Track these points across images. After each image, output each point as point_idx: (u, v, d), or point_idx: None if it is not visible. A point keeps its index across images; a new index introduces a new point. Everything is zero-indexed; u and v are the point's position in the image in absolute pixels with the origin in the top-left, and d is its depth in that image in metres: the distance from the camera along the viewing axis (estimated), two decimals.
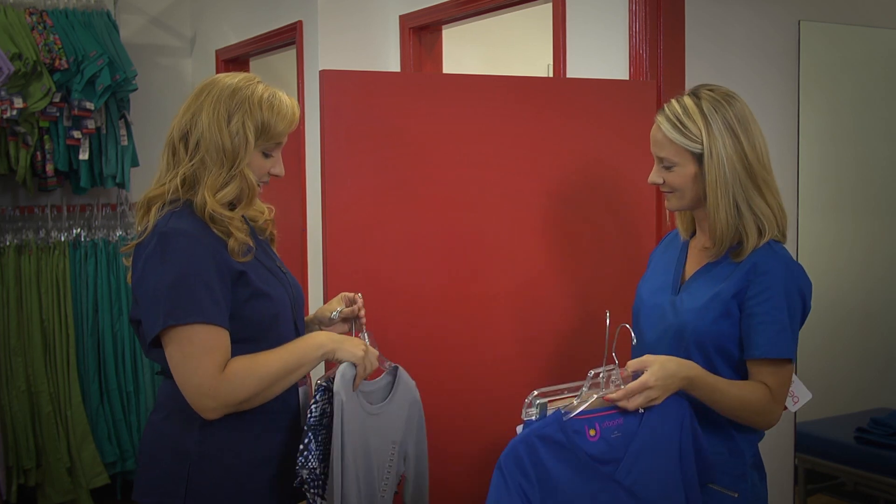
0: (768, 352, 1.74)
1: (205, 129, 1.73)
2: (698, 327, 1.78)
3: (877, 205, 3.75)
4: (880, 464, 3.37)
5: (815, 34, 3.16)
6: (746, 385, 1.75)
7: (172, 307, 1.64)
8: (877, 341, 3.78)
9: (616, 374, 1.66)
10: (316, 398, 1.80)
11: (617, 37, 2.71)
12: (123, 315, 4.11)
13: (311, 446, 1.77)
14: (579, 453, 1.61)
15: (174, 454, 1.75)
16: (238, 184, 1.75)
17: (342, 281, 2.20)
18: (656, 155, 1.85)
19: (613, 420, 1.66)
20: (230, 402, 1.67)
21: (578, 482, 1.61)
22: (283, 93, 1.82)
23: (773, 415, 1.77)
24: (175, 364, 1.67)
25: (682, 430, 1.70)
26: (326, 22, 3.61)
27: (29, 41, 3.81)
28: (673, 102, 1.84)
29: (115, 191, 4.35)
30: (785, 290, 1.75)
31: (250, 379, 1.68)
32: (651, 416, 1.67)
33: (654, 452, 1.67)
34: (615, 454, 1.65)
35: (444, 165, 2.33)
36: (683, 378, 1.67)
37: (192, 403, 1.67)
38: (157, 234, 1.69)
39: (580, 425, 1.63)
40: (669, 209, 1.91)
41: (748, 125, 1.79)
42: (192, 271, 1.66)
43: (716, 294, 1.78)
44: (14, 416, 3.89)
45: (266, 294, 1.77)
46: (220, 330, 1.68)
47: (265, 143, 1.78)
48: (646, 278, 2.02)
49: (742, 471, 1.82)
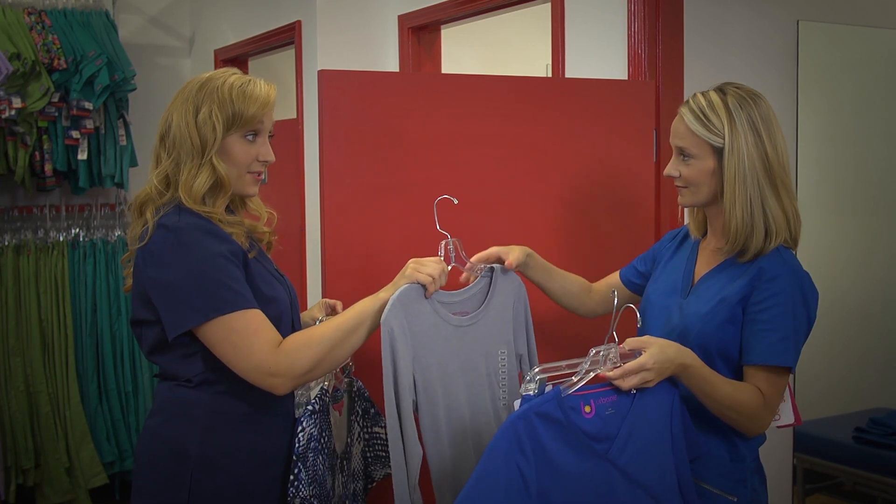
0: (766, 359, 1.73)
1: (175, 126, 1.74)
2: (703, 331, 1.78)
3: (876, 205, 3.75)
4: (879, 464, 3.37)
5: (814, 34, 3.16)
6: (741, 385, 1.75)
7: (204, 300, 1.64)
8: (876, 341, 3.78)
9: (615, 352, 1.66)
10: (303, 424, 1.77)
11: (616, 37, 2.71)
12: (122, 315, 4.11)
13: (301, 475, 1.75)
14: (575, 430, 1.61)
15: (175, 457, 1.73)
16: (207, 173, 1.73)
17: (341, 281, 2.20)
18: (676, 146, 1.83)
19: (608, 397, 1.66)
20: (295, 373, 1.66)
21: (574, 461, 1.61)
22: (259, 79, 1.80)
23: (762, 421, 1.76)
24: (228, 356, 1.67)
25: (671, 413, 1.71)
26: (325, 22, 3.60)
27: (27, 41, 3.81)
28: (698, 95, 1.82)
29: (113, 191, 4.35)
30: (791, 297, 1.74)
31: (308, 348, 1.68)
32: (642, 397, 1.68)
33: (645, 433, 1.68)
34: (609, 431, 1.65)
35: (443, 165, 2.33)
36: (680, 364, 1.67)
37: (259, 384, 1.66)
38: (162, 232, 1.68)
39: (576, 402, 1.63)
40: (682, 205, 1.88)
41: (771, 126, 1.78)
42: (208, 262, 1.66)
43: (721, 299, 1.78)
44: (13, 416, 3.89)
45: (266, 296, 1.76)
46: (254, 311, 1.67)
47: (240, 129, 1.76)
48: (654, 278, 2.01)
49: (743, 476, 1.81)
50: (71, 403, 3.97)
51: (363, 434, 1.94)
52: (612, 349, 1.66)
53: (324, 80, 2.20)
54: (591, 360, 1.65)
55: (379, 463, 1.98)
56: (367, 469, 1.96)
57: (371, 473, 1.97)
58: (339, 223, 2.22)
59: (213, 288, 1.64)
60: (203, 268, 1.65)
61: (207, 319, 1.64)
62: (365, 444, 1.94)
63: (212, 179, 1.74)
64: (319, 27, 3.59)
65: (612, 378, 1.64)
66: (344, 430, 1.90)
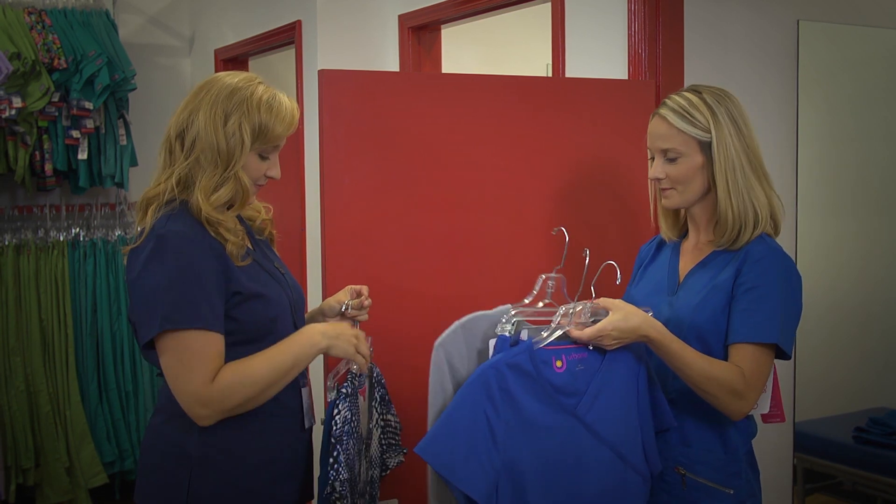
0: (748, 336, 1.73)
1: (201, 129, 1.71)
2: (695, 321, 1.79)
3: (876, 205, 3.74)
4: (879, 463, 3.37)
5: (814, 34, 3.16)
6: (717, 362, 1.74)
7: (169, 311, 1.62)
8: (875, 341, 3.78)
9: (587, 310, 1.70)
10: (339, 407, 1.77)
11: (616, 36, 2.71)
12: (122, 314, 4.11)
13: (341, 458, 1.75)
14: (545, 384, 1.65)
15: (175, 458, 1.73)
16: (232, 186, 1.72)
17: (341, 281, 2.20)
18: (659, 149, 1.85)
19: (579, 353, 1.70)
20: (223, 408, 1.66)
21: (541, 413, 1.64)
22: (283, 94, 1.79)
23: (745, 400, 1.73)
24: (170, 370, 1.65)
25: (638, 379, 1.74)
26: (325, 21, 3.60)
27: (28, 41, 3.81)
28: (674, 97, 1.86)
29: (113, 190, 4.35)
30: (777, 278, 1.76)
31: (241, 385, 1.66)
32: (613, 356, 1.72)
33: (612, 393, 1.71)
34: (578, 387, 1.69)
35: (443, 165, 2.33)
36: (642, 335, 1.70)
37: (187, 411, 1.66)
38: (153, 236, 1.66)
39: (548, 356, 1.67)
40: (669, 207, 1.89)
41: (746, 120, 1.84)
42: (188, 274, 1.64)
43: (714, 286, 1.79)
44: (13, 416, 3.89)
45: (263, 296, 1.75)
46: (216, 336, 1.66)
47: (262, 145, 1.75)
48: (636, 282, 2.02)
49: (737, 468, 1.82)
50: (71, 403, 3.97)
51: (380, 421, 1.95)
52: (584, 307, 1.70)
53: (324, 79, 2.20)
54: (562, 315, 1.68)
55: (392, 451, 1.98)
56: (382, 456, 1.97)
57: (386, 461, 1.97)
58: (340, 222, 2.22)
59: (181, 300, 1.63)
60: (178, 277, 1.64)
61: (163, 329, 1.62)
62: (381, 430, 1.95)
63: (233, 192, 1.73)
64: (319, 27, 3.59)
65: (574, 337, 1.68)
66: (366, 416, 1.91)
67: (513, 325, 1.65)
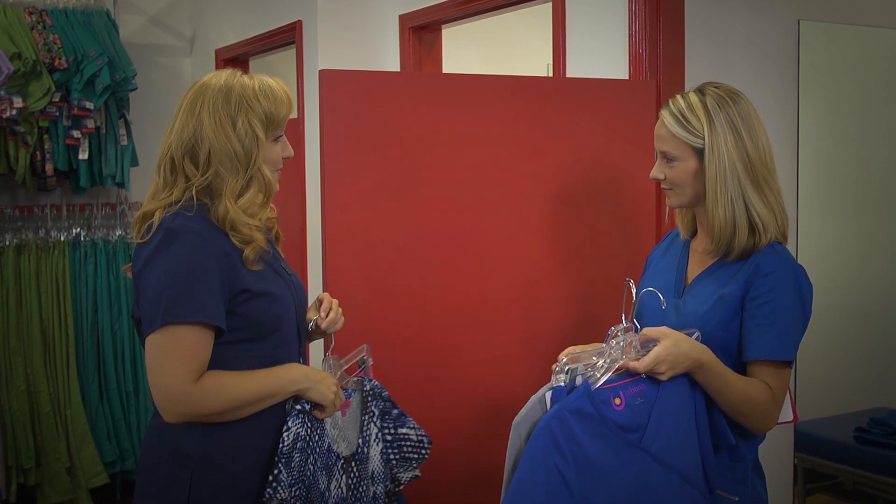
0: (769, 354, 1.73)
1: (213, 141, 1.70)
2: (703, 330, 1.77)
3: (877, 205, 3.75)
4: (879, 463, 3.37)
5: (814, 34, 3.16)
6: (752, 381, 1.75)
7: (171, 305, 1.62)
8: (876, 341, 3.78)
9: (637, 341, 1.67)
10: (288, 424, 1.75)
11: (616, 36, 2.71)
12: (123, 314, 4.11)
13: (281, 477, 1.72)
14: (609, 424, 1.61)
15: (175, 458, 1.73)
16: (257, 183, 1.74)
17: (342, 281, 2.20)
18: (659, 150, 1.85)
19: (636, 386, 1.67)
20: (196, 412, 1.66)
21: (609, 454, 1.61)
22: (265, 76, 1.79)
23: (771, 417, 1.77)
24: (152, 359, 1.64)
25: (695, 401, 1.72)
26: (326, 21, 3.61)
27: (28, 41, 3.81)
28: (678, 98, 1.84)
29: (114, 190, 4.35)
30: (788, 292, 1.74)
31: (221, 396, 1.66)
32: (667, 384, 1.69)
33: (672, 418, 1.69)
34: (640, 420, 1.66)
35: (444, 165, 2.33)
36: (694, 360, 1.68)
37: (158, 403, 1.65)
38: (162, 230, 1.66)
39: (606, 395, 1.63)
40: (670, 206, 1.91)
41: (752, 124, 1.79)
42: (194, 270, 1.64)
43: (720, 297, 1.78)
44: (13, 416, 3.89)
45: (271, 295, 1.75)
46: (210, 336, 1.65)
47: (274, 132, 1.77)
48: (645, 281, 2.01)
49: (743, 475, 1.81)
50: (72, 403, 3.97)
51: (383, 435, 1.93)
52: (634, 339, 1.67)
53: (325, 79, 2.20)
54: (612, 349, 1.65)
55: (406, 465, 1.96)
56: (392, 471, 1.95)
57: (397, 475, 1.95)
58: (340, 222, 2.23)
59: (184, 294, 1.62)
60: (184, 271, 1.63)
61: (165, 323, 1.62)
62: (387, 445, 1.93)
63: (262, 189, 1.74)
64: (320, 27, 3.59)
65: (632, 368, 1.66)
66: (353, 431, 1.89)
67: (566, 373, 1.62)
